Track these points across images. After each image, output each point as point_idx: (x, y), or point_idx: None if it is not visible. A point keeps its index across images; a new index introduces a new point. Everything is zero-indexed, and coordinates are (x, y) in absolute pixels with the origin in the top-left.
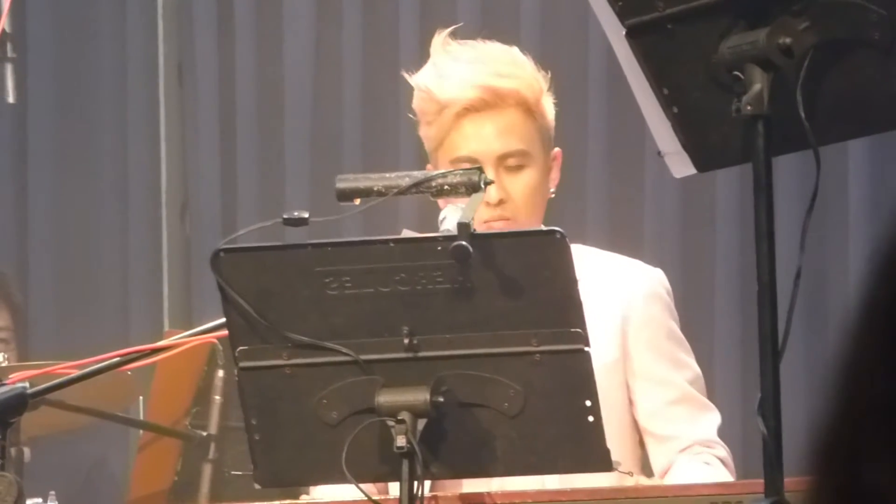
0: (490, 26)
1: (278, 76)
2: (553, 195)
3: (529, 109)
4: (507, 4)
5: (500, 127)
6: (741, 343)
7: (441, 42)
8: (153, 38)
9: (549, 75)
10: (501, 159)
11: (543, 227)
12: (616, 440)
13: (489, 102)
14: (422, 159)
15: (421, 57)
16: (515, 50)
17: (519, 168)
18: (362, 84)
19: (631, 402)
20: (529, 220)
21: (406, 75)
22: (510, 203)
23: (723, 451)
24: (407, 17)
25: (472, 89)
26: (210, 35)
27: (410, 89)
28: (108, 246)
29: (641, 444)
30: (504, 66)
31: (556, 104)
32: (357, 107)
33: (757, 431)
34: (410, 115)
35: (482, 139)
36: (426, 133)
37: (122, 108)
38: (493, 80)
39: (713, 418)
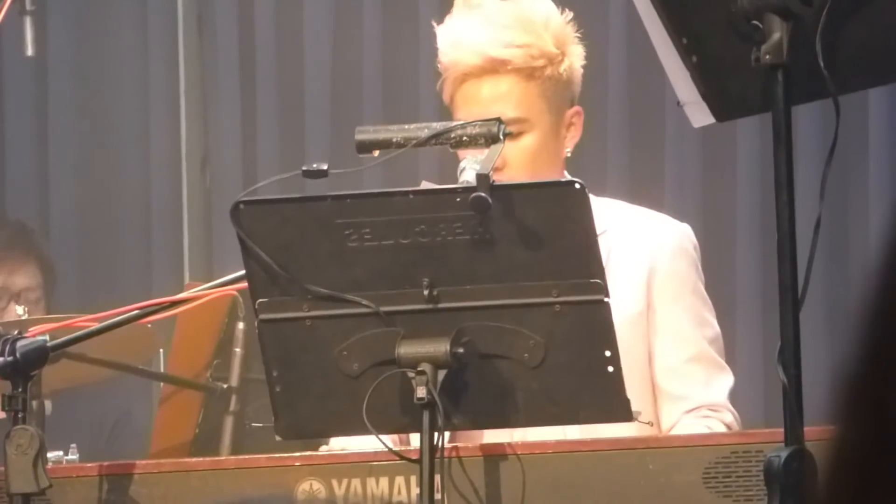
0: None
1: (298, 28)
2: (569, 154)
3: (531, 75)
4: None
5: (495, 94)
6: (762, 292)
7: (459, 6)
8: None
9: (578, 31)
10: None
11: (563, 179)
12: (637, 391)
13: (486, 69)
14: (440, 110)
15: (440, 8)
16: (537, 7)
17: (517, 134)
18: (382, 34)
19: (650, 357)
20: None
21: (434, 25)
22: (508, 169)
23: (729, 415)
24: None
25: (471, 55)
26: (231, 11)
27: (430, 39)
28: (128, 199)
29: None
30: (510, 31)
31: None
32: (377, 57)
33: (778, 380)
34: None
35: (477, 105)
36: (443, 94)
37: (142, 60)
38: (491, 48)
39: (726, 381)
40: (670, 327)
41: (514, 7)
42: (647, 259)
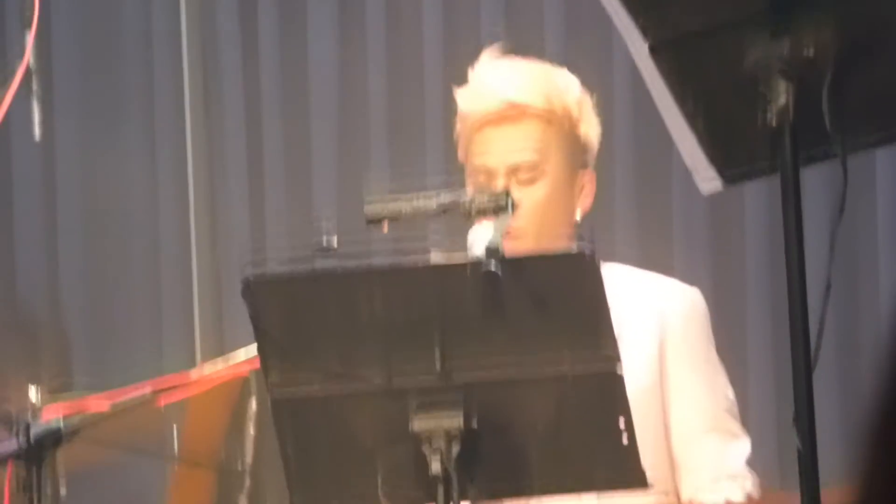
0: (514, 43)
1: (304, 99)
2: (579, 219)
3: (549, 123)
4: (531, 22)
5: (514, 138)
6: (774, 355)
7: (486, 55)
8: (178, 68)
9: (594, 98)
10: (513, 170)
11: (573, 249)
12: (653, 460)
13: (506, 116)
14: (449, 164)
15: (444, 66)
16: (561, 73)
17: (531, 181)
18: (387, 102)
19: (666, 426)
20: (542, 234)
21: (454, 89)
22: (518, 218)
23: (748, 483)
24: (430, 31)
25: (491, 101)
26: (235, 61)
27: (435, 102)
28: (138, 276)
29: None
30: (532, 80)
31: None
32: (383, 122)
33: (792, 444)
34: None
35: (496, 150)
36: (458, 148)
37: (149, 139)
38: (513, 93)
39: (743, 447)
40: (684, 396)
41: (538, 66)
42: (657, 326)
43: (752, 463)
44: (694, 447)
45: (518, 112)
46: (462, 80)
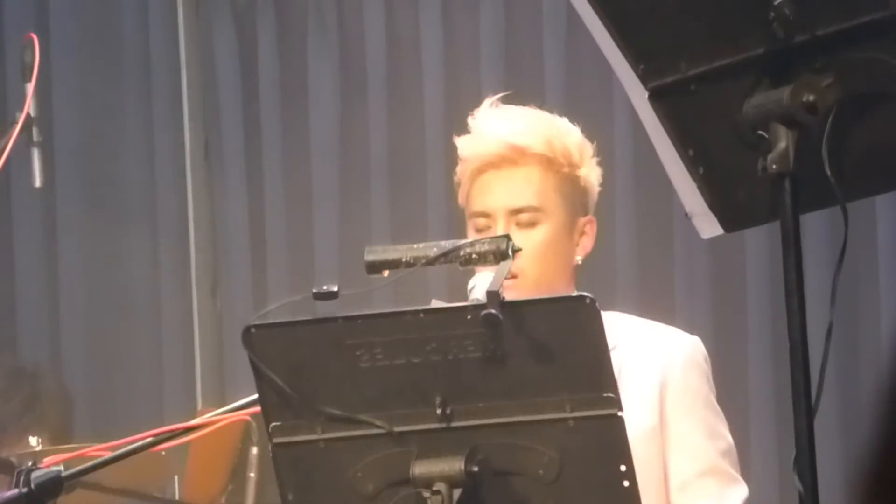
0: (514, 87)
1: (305, 150)
2: (579, 262)
3: (550, 167)
4: (531, 70)
5: (514, 182)
6: (776, 401)
7: (487, 104)
8: (179, 118)
9: (594, 146)
10: (513, 214)
11: (573, 293)
12: None
13: (507, 158)
14: (450, 222)
15: (445, 118)
16: (561, 120)
17: (531, 224)
18: (388, 153)
19: (665, 473)
20: (541, 278)
21: (455, 142)
22: (519, 259)
23: None
24: (431, 83)
25: (491, 145)
26: (236, 113)
27: (436, 152)
28: (140, 326)
29: None
30: (533, 124)
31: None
32: (385, 176)
33: (793, 489)
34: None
35: (495, 193)
36: (459, 194)
37: (150, 188)
38: (513, 136)
39: (740, 492)
40: (683, 441)
41: (538, 112)
42: (658, 373)
43: None
44: (689, 491)
45: (518, 154)
46: (463, 130)
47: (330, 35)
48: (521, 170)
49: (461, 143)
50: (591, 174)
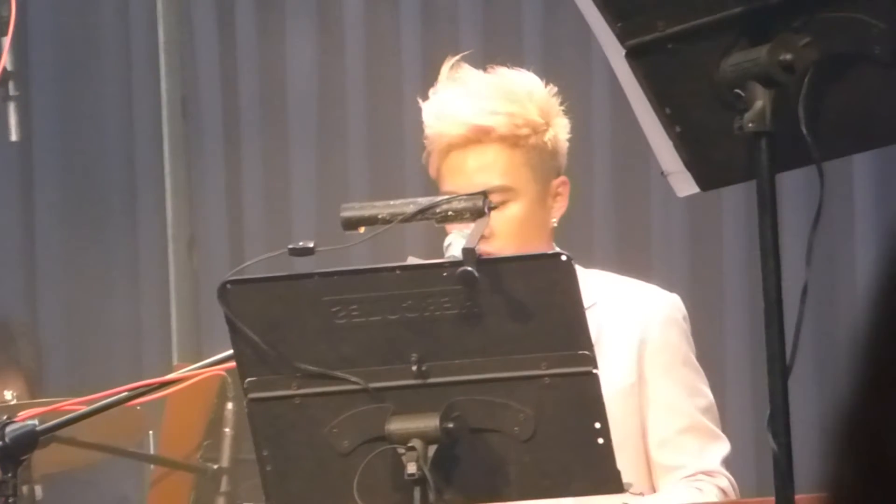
0: (492, 51)
1: (282, 107)
2: (555, 224)
3: (516, 143)
4: (509, 29)
5: (480, 163)
6: (751, 360)
7: (447, 70)
8: (156, 72)
9: (564, 104)
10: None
11: (549, 251)
12: (630, 464)
13: (471, 139)
14: (427, 185)
15: (423, 79)
16: (521, 79)
17: (502, 204)
18: (366, 112)
19: (643, 430)
20: (519, 250)
21: (420, 102)
22: (494, 239)
23: (725, 480)
24: (409, 42)
25: (455, 126)
26: (213, 68)
27: (414, 113)
28: (116, 281)
29: None
30: (494, 101)
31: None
32: (362, 135)
33: (768, 448)
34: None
35: (463, 176)
36: (429, 167)
37: (127, 143)
38: (475, 117)
39: (721, 448)
40: (662, 399)
41: (497, 79)
42: (637, 331)
43: (728, 467)
44: (669, 448)
45: (482, 134)
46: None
47: None
48: (487, 149)
49: (426, 115)
50: (559, 132)
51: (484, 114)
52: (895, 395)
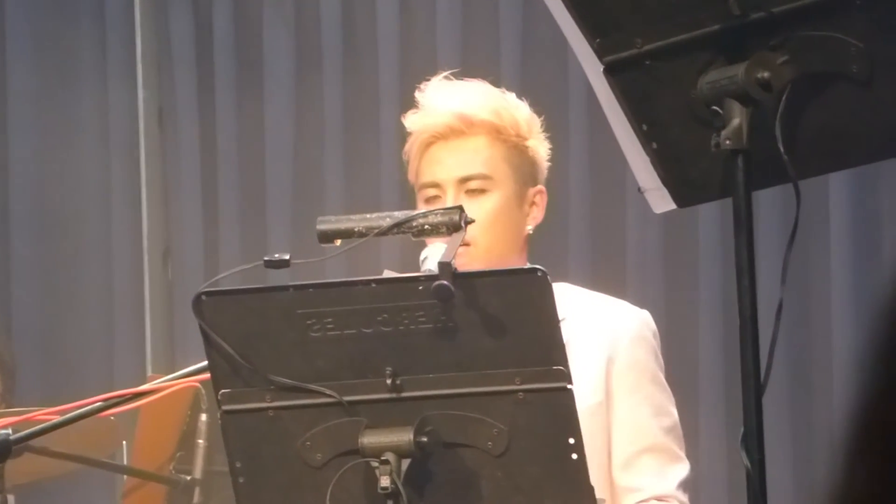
0: (470, 64)
1: (259, 118)
2: (530, 232)
3: (498, 137)
4: (488, 45)
5: (463, 151)
6: (725, 376)
7: (435, 81)
8: (133, 83)
9: (544, 120)
10: (462, 182)
11: (525, 266)
12: (598, 481)
13: (455, 129)
14: (403, 199)
15: (400, 94)
16: (508, 93)
17: (481, 192)
18: (343, 125)
19: (608, 449)
20: (493, 247)
21: (403, 121)
22: (471, 228)
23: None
24: (386, 59)
25: (440, 116)
26: (190, 79)
27: (391, 128)
28: (90, 291)
29: None
30: (481, 96)
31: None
32: (338, 148)
33: (741, 465)
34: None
35: (444, 163)
36: (409, 170)
37: (104, 153)
38: (460, 108)
39: (679, 471)
40: (627, 418)
41: (485, 85)
42: (606, 347)
43: (701, 484)
44: (629, 469)
45: (466, 124)
46: (415, 107)
47: (286, 3)
48: (469, 140)
49: (409, 120)
50: (540, 147)
51: (470, 105)
52: None
